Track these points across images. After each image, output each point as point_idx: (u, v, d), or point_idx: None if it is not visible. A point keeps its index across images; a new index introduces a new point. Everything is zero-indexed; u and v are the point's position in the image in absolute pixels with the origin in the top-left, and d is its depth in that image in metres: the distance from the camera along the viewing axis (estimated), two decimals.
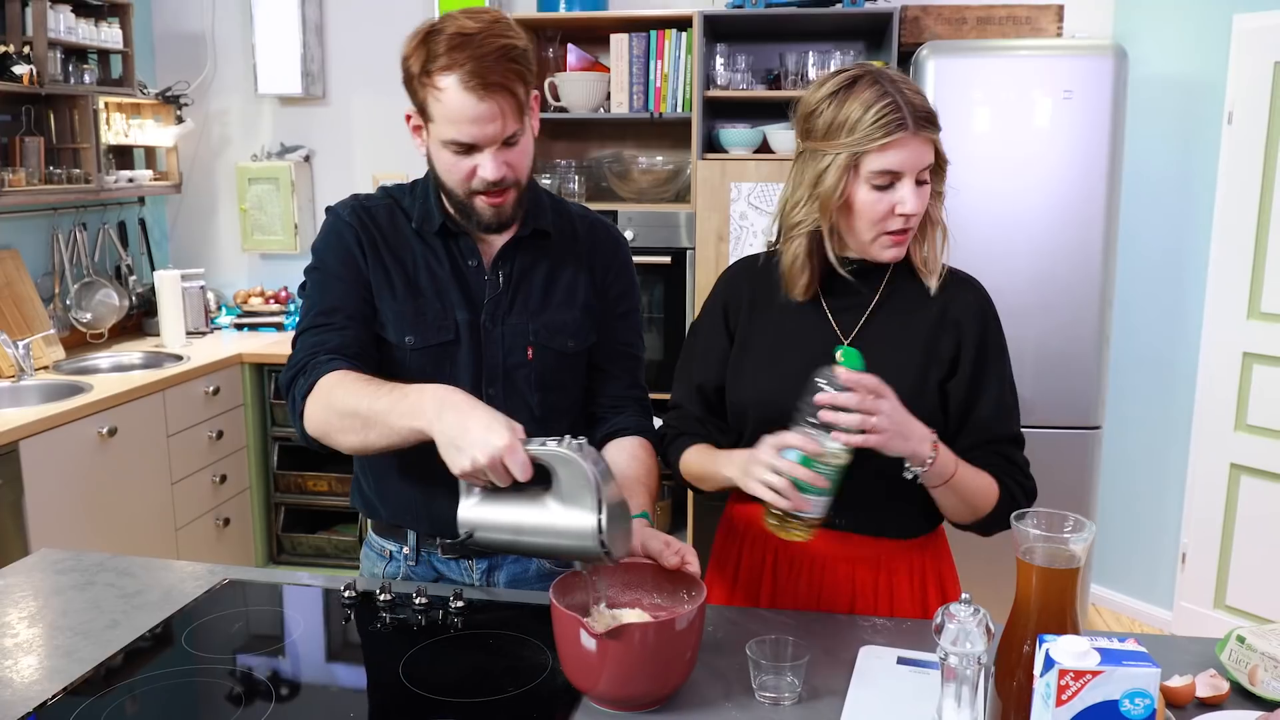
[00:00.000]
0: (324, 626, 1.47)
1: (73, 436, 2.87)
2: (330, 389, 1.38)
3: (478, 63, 1.33)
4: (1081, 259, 3.10)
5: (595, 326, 1.60)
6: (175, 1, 4.17)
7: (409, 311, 1.50)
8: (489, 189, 1.42)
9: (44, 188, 3.36)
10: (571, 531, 1.20)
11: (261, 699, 1.24)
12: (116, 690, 1.25)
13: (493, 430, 1.19)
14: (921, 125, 1.37)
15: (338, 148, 4.18)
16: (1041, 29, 3.30)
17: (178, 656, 1.35)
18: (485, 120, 1.36)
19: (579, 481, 1.19)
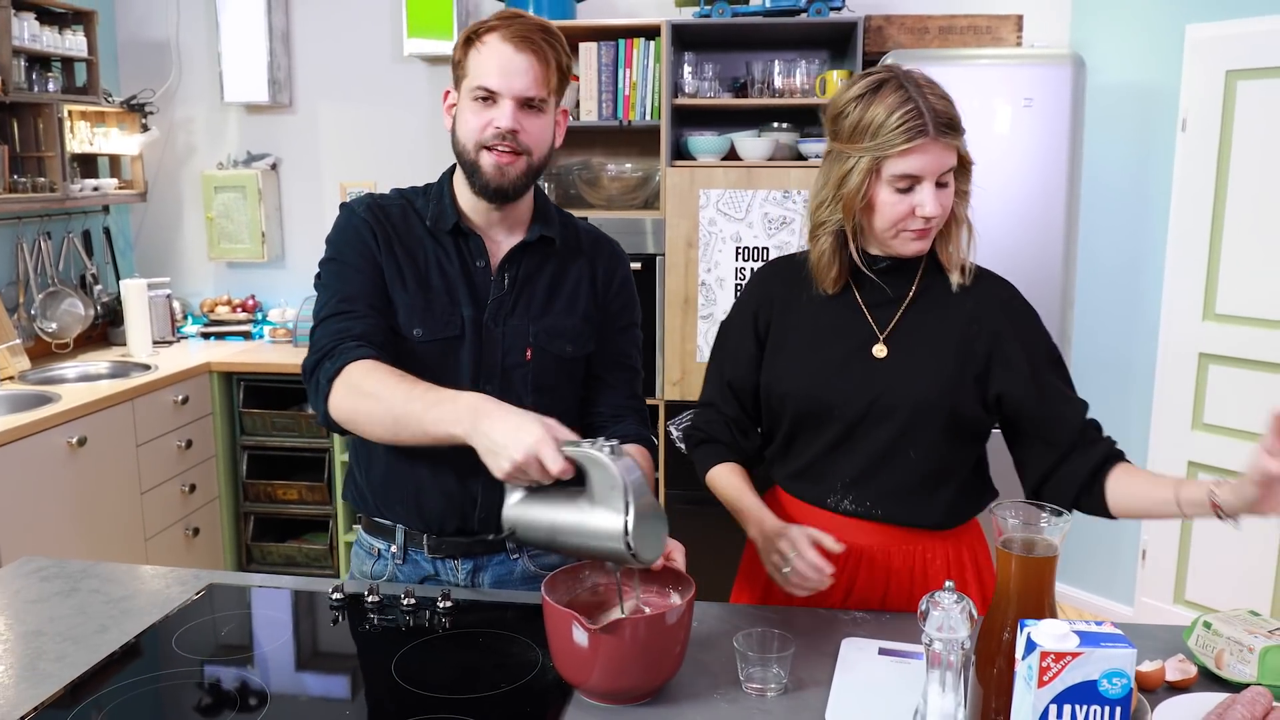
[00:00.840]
0: (313, 629, 1.48)
1: (42, 446, 2.84)
2: (361, 378, 1.40)
3: (521, 26, 1.47)
4: (1042, 264, 3.18)
5: (594, 336, 1.64)
6: (139, 9, 4.14)
7: (419, 305, 1.53)
8: (499, 141, 1.47)
9: (8, 196, 3.33)
10: (601, 532, 1.22)
11: (256, 701, 1.25)
12: (110, 694, 1.26)
13: (525, 428, 1.22)
14: (943, 131, 1.41)
15: (305, 156, 4.17)
16: (1002, 39, 3.38)
17: (169, 660, 1.36)
18: (514, 71, 1.45)
19: (608, 483, 1.21)
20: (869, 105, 1.44)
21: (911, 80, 1.45)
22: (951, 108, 1.44)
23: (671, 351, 3.49)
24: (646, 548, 1.23)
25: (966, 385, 1.51)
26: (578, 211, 3.56)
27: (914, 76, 1.45)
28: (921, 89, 1.43)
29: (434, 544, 1.60)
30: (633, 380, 1.70)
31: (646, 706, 1.25)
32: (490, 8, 3.89)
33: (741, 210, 3.40)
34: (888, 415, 1.51)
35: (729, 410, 1.66)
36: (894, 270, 1.54)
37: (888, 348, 1.53)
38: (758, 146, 3.47)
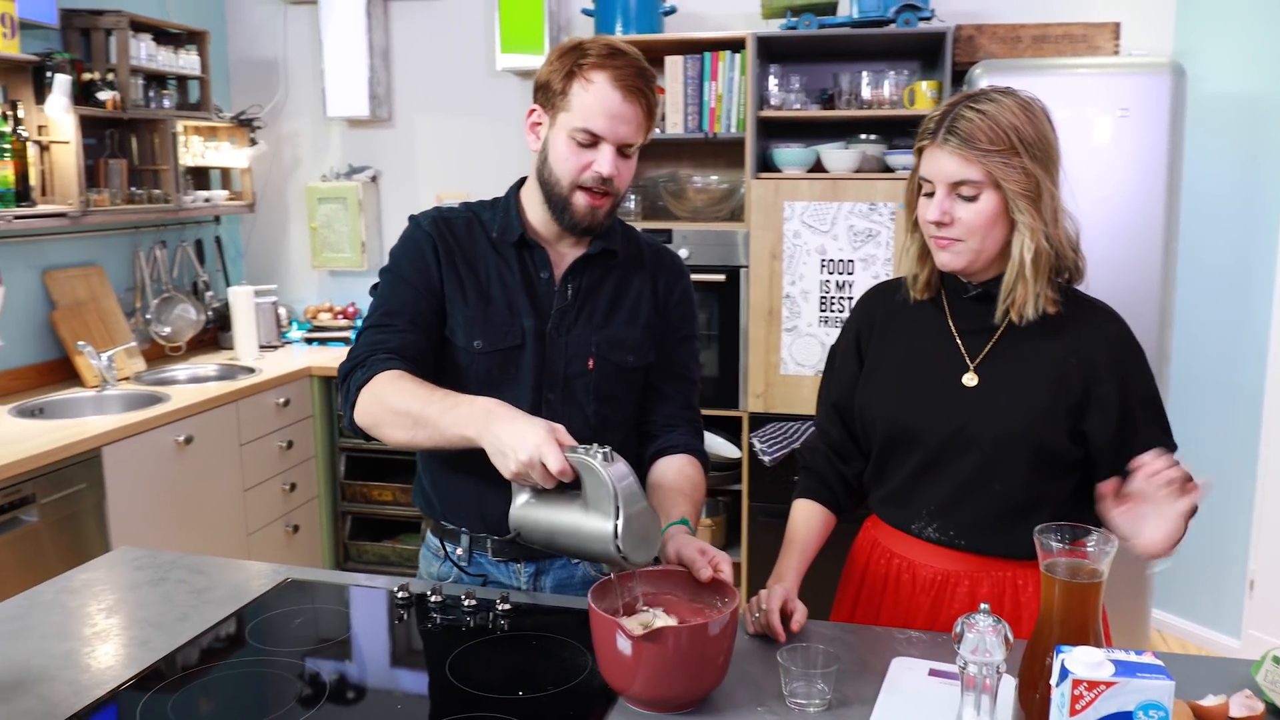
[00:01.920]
0: (377, 625, 1.54)
1: (152, 443, 3.01)
2: (385, 386, 1.47)
3: (629, 70, 1.49)
4: (1139, 278, 3.07)
5: (654, 347, 1.67)
6: (250, 29, 4.35)
7: (479, 317, 1.58)
8: (596, 185, 1.51)
9: (126, 207, 3.53)
10: (593, 535, 1.27)
11: (316, 692, 1.32)
12: (183, 679, 1.34)
13: (530, 431, 1.28)
14: (948, 140, 1.41)
15: (403, 168, 4.32)
16: (1098, 47, 3.29)
17: (241, 650, 1.44)
18: (620, 119, 1.48)
19: (600, 488, 1.26)
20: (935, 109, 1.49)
21: (979, 95, 1.44)
22: (983, 124, 1.39)
23: (755, 364, 3.49)
24: (636, 551, 1.27)
25: (1057, 418, 1.47)
26: (663, 223, 3.60)
27: (987, 93, 1.44)
28: (974, 101, 1.42)
29: (497, 547, 1.65)
30: (689, 391, 1.73)
31: (689, 716, 1.27)
32: (580, 23, 3.96)
33: (827, 223, 3.38)
34: (972, 445, 1.49)
35: (833, 433, 1.66)
36: (985, 298, 1.52)
37: (978, 376, 1.51)
38: (844, 158, 3.45)
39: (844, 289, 3.40)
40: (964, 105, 1.43)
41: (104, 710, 1.26)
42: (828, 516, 1.66)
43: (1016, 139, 1.40)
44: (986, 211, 1.43)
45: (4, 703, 1.26)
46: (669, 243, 3.49)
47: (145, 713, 1.26)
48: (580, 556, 1.34)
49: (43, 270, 3.42)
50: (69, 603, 1.58)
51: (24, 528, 2.56)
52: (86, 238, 3.61)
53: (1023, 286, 1.44)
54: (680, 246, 3.50)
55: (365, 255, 4.29)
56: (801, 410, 3.44)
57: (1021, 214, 1.42)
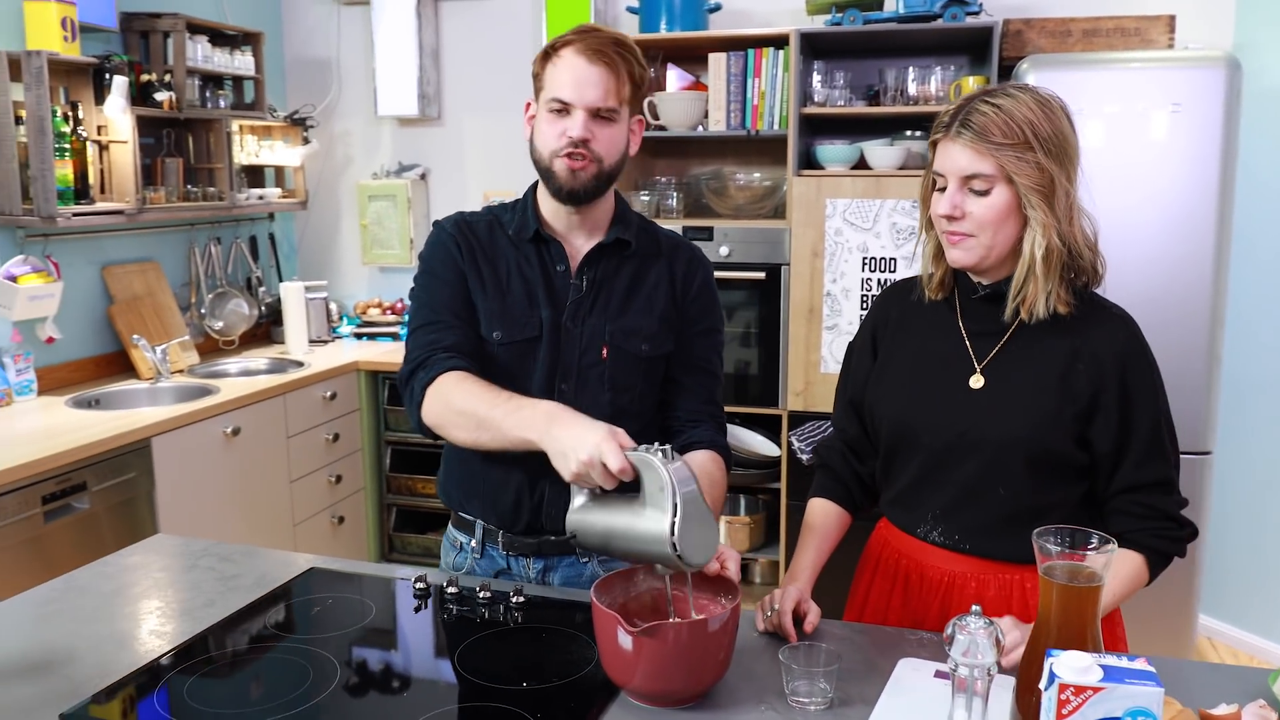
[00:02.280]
0: (393, 615, 1.57)
1: (200, 434, 3.10)
2: (451, 387, 1.51)
3: (595, 40, 1.55)
4: (1191, 277, 2.99)
5: (671, 337, 1.68)
6: (305, 30, 4.45)
7: (497, 309, 1.62)
8: (572, 150, 1.54)
9: (182, 205, 3.64)
10: (649, 535, 1.26)
11: (324, 678, 1.35)
12: (201, 663, 1.39)
13: (591, 433, 1.30)
14: (961, 133, 1.39)
15: (451, 166, 4.37)
16: (1152, 40, 3.21)
17: (259, 635, 1.48)
18: (586, 83, 1.52)
19: (657, 486, 1.25)
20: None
21: (996, 90, 1.42)
22: (997, 118, 1.37)
23: (795, 362, 3.47)
24: (693, 551, 1.25)
25: (1062, 423, 1.44)
26: (705, 221, 3.60)
27: (1005, 88, 1.42)
28: (990, 96, 1.40)
29: (508, 541, 1.68)
30: (711, 385, 1.73)
31: (689, 711, 1.28)
32: (626, 21, 3.98)
33: (869, 220, 3.35)
34: (975, 449, 1.48)
35: (851, 431, 1.66)
36: (994, 299, 1.50)
37: (985, 379, 1.49)
38: (888, 155, 3.41)
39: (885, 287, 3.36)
40: (980, 100, 1.41)
41: (124, 691, 1.31)
42: (843, 515, 1.65)
43: (1031, 134, 1.38)
44: (998, 206, 1.40)
45: (31, 682, 1.32)
46: (709, 240, 3.50)
47: (163, 694, 1.30)
48: (636, 558, 1.33)
49: (101, 266, 3.54)
50: (102, 587, 1.64)
51: (76, 514, 2.66)
52: (143, 234, 3.73)
53: (1033, 284, 1.42)
54: (721, 244, 3.50)
55: (413, 252, 4.35)
56: None
57: (1034, 210, 1.39)
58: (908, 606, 1.58)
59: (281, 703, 1.28)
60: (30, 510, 2.52)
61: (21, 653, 1.41)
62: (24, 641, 1.45)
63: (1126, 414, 1.44)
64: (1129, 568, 1.42)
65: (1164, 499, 1.45)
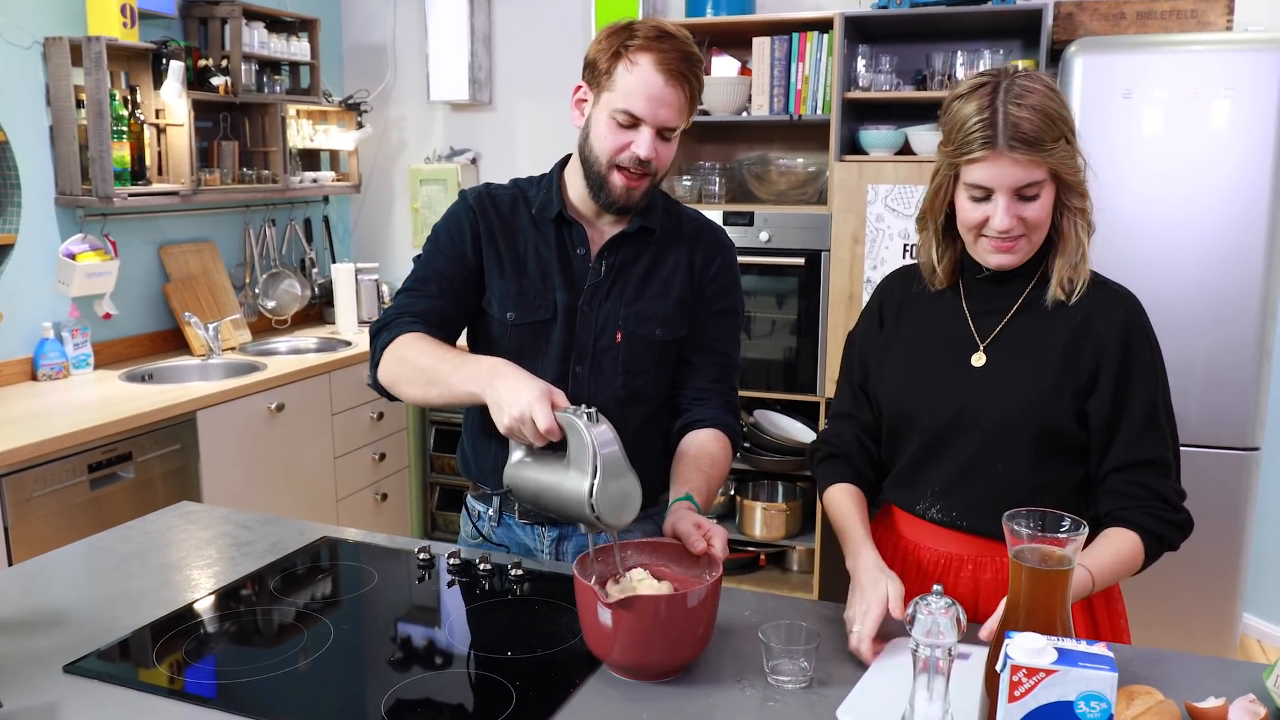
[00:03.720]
0: (393, 585, 1.61)
1: (245, 409, 3.19)
2: (405, 346, 1.55)
3: (673, 54, 1.50)
4: (1243, 269, 2.89)
5: (687, 320, 1.68)
6: (363, 16, 4.52)
7: (513, 290, 1.64)
8: (633, 166, 1.54)
9: (237, 187, 3.74)
10: (571, 496, 1.30)
11: (317, 637, 1.39)
12: (199, 625, 1.44)
13: (524, 390, 1.32)
14: (1015, 145, 1.34)
15: (502, 151, 4.42)
16: (1209, 23, 3.10)
17: (262, 598, 1.53)
18: (661, 102, 1.50)
19: (580, 447, 1.28)
20: (960, 108, 1.40)
21: (1011, 87, 1.37)
22: (1038, 120, 1.34)
23: (835, 349, 3.44)
24: (611, 512, 1.29)
25: (1062, 400, 1.43)
26: (746, 206, 3.59)
27: (1018, 84, 1.37)
28: (1015, 96, 1.35)
29: (523, 510, 1.70)
30: (723, 365, 1.72)
31: (668, 685, 1.29)
32: (675, 6, 3.97)
33: (911, 206, 3.30)
34: (974, 426, 1.47)
35: (865, 416, 1.64)
36: (1002, 279, 1.49)
37: (987, 357, 1.49)
38: (933, 140, 3.35)
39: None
40: (1008, 104, 1.35)
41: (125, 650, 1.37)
42: (863, 496, 1.60)
43: (1064, 126, 1.38)
44: (1048, 205, 1.41)
45: (45, 636, 1.38)
46: (749, 225, 3.48)
47: (162, 653, 1.35)
48: (562, 517, 1.37)
49: (158, 245, 3.66)
50: (122, 549, 1.71)
51: (121, 483, 2.76)
52: (199, 215, 3.84)
53: (1079, 266, 1.43)
54: (761, 230, 3.48)
55: None
56: None
57: (1075, 199, 1.41)
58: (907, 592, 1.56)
59: (276, 662, 1.33)
60: (76, 478, 2.62)
61: (34, 608, 1.48)
62: (39, 598, 1.52)
63: (1123, 389, 1.42)
64: (1122, 545, 1.39)
65: (1158, 479, 1.42)
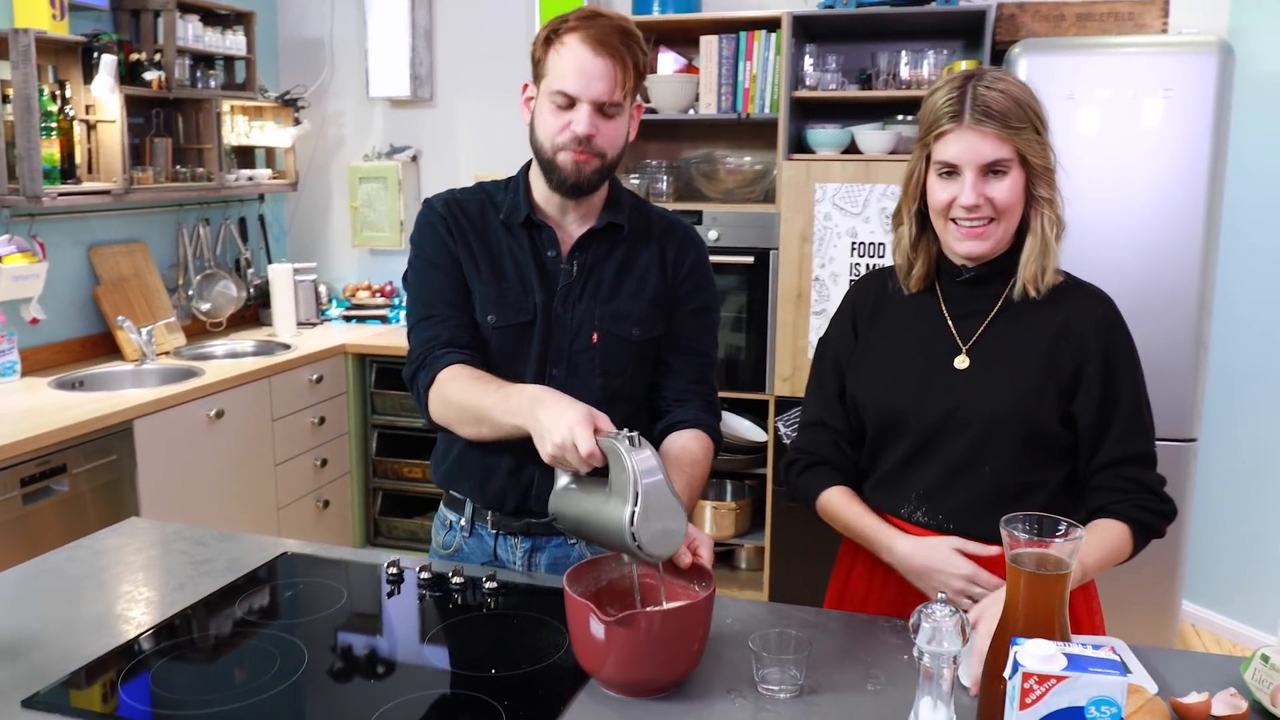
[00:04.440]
0: (363, 600, 1.56)
1: (183, 417, 3.08)
2: (447, 385, 1.51)
3: (600, 29, 1.49)
4: (1180, 264, 2.98)
5: (662, 319, 1.66)
6: (299, 9, 4.41)
7: (493, 294, 1.60)
8: (576, 145, 1.51)
9: (171, 185, 3.62)
10: (612, 524, 1.24)
11: (292, 660, 1.34)
12: (168, 649, 1.38)
13: (564, 415, 1.29)
14: (980, 119, 1.38)
15: (443, 148, 4.35)
16: (1145, 25, 3.18)
17: (229, 619, 1.46)
18: (593, 76, 1.48)
19: (620, 474, 1.24)
20: (934, 96, 1.45)
21: (984, 76, 1.42)
22: (1006, 102, 1.38)
23: (783, 347, 3.46)
24: (653, 543, 1.23)
25: (1047, 401, 1.45)
26: (695, 204, 3.58)
27: (990, 74, 1.42)
28: (984, 81, 1.40)
29: (496, 520, 1.67)
30: (701, 365, 1.70)
31: (660, 701, 1.26)
32: (622, 5, 3.95)
33: (859, 205, 3.33)
34: (963, 428, 1.48)
35: (837, 424, 1.63)
36: (980, 281, 1.50)
37: (970, 359, 1.49)
38: (879, 139, 3.39)
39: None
40: (979, 85, 1.40)
41: (90, 677, 1.30)
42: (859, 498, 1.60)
43: (1035, 114, 1.42)
44: (1016, 189, 1.42)
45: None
46: (699, 224, 3.47)
47: (134, 680, 1.29)
48: (604, 545, 1.32)
49: (88, 246, 3.51)
50: (72, 571, 1.62)
51: (55, 497, 2.64)
52: (131, 215, 3.70)
53: (1045, 261, 1.44)
54: (710, 228, 3.48)
55: (404, 234, 4.33)
56: None
57: (1042, 189, 1.43)
58: (887, 593, 1.57)
59: (249, 688, 1.27)
60: (8, 493, 2.50)
61: None
62: None
63: (1109, 387, 1.45)
64: (1111, 535, 1.42)
65: (1146, 473, 1.46)
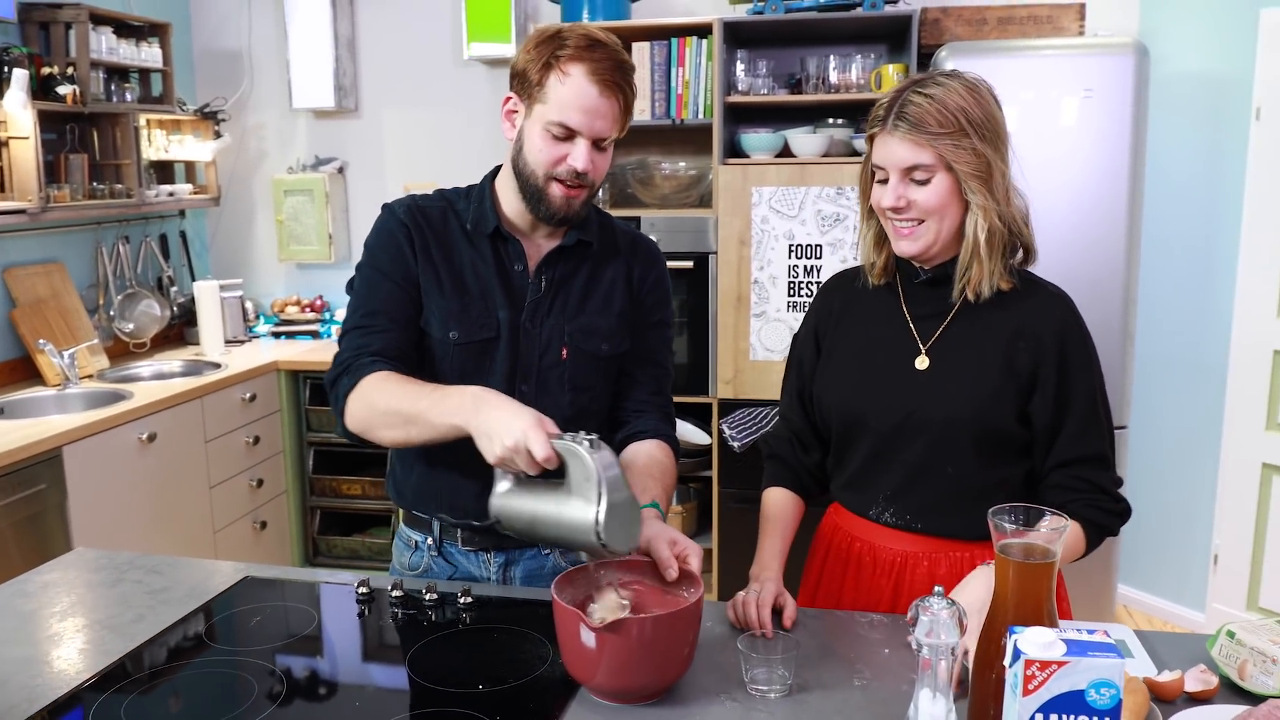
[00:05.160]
0: (337, 622, 1.52)
1: (114, 442, 2.97)
2: (372, 389, 1.46)
3: (607, 63, 1.45)
4: (1104, 259, 3.09)
5: (629, 334, 1.66)
6: (214, 20, 4.29)
7: (455, 309, 1.56)
8: (570, 179, 1.48)
9: (88, 203, 3.48)
10: (574, 523, 1.26)
11: (273, 690, 1.30)
12: (139, 681, 1.32)
13: (518, 417, 1.27)
14: (898, 125, 1.41)
15: (370, 159, 4.28)
16: (1063, 28, 3.29)
17: (198, 649, 1.42)
18: (596, 113, 1.45)
19: (583, 474, 1.25)
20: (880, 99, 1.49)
21: (925, 82, 1.44)
22: (931, 107, 1.39)
23: (724, 350, 3.48)
24: (617, 540, 1.26)
25: (1005, 401, 1.47)
26: (632, 211, 3.59)
27: (932, 79, 1.44)
28: (919, 87, 1.43)
29: (467, 537, 1.64)
30: (660, 377, 1.71)
31: (652, 707, 1.26)
32: (548, 11, 3.94)
33: (795, 208, 3.38)
34: (922, 430, 1.50)
35: (796, 421, 1.66)
36: (936, 282, 1.52)
37: (929, 360, 1.52)
38: (812, 143, 3.44)
39: (812, 274, 3.40)
40: (911, 90, 1.43)
41: (58, 715, 1.24)
42: (798, 502, 1.66)
43: (965, 120, 1.40)
44: (940, 193, 1.43)
45: None
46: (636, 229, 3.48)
47: (99, 716, 1.24)
48: (560, 544, 1.33)
49: (2, 268, 3.37)
50: (23, 607, 1.55)
51: None
52: (47, 234, 3.56)
53: (978, 265, 1.45)
54: (649, 234, 3.48)
55: (333, 247, 4.25)
56: (771, 396, 3.44)
57: (974, 194, 1.43)
58: (860, 589, 1.59)
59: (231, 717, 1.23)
60: None
61: None
62: None
63: (1064, 388, 1.47)
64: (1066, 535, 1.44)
65: (1099, 473, 1.48)
